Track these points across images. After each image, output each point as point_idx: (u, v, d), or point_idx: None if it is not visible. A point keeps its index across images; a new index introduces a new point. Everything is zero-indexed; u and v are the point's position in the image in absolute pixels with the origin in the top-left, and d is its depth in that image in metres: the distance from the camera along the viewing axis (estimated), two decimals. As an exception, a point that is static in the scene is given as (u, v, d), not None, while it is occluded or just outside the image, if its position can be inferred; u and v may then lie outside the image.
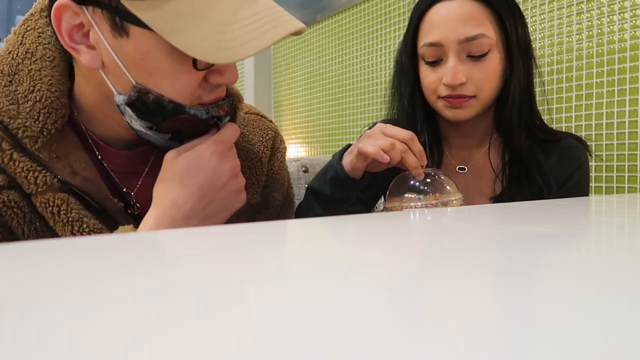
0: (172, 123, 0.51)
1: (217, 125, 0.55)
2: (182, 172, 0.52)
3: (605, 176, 1.19)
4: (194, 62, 0.49)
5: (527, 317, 0.15)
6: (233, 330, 0.13)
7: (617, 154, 1.16)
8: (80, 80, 0.55)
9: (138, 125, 0.52)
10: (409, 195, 0.65)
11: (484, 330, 0.13)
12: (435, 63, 0.76)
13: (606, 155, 1.18)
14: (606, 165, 1.18)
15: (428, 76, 0.77)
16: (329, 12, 2.21)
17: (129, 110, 0.50)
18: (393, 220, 0.41)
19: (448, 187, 0.65)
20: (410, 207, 0.64)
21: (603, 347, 0.12)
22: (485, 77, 0.74)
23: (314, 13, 2.31)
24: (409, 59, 0.80)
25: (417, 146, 0.67)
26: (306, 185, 1.28)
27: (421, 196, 0.64)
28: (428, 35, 0.76)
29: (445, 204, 0.63)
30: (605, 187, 1.19)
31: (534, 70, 0.80)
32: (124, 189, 0.59)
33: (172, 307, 0.15)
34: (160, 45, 0.47)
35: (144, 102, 0.50)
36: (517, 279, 0.20)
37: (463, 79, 0.73)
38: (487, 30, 0.73)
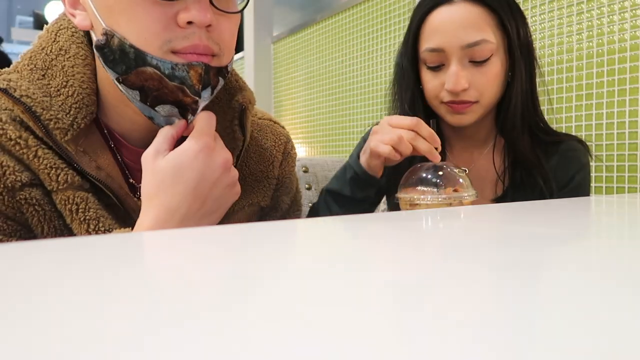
0: (137, 77, 0.50)
1: (184, 92, 0.51)
2: (169, 174, 0.49)
3: (605, 176, 1.19)
4: None
5: (527, 317, 0.15)
6: (233, 330, 0.13)
7: (617, 154, 1.16)
8: (99, 63, 0.56)
9: (114, 79, 0.52)
10: (422, 188, 0.64)
11: (485, 330, 0.14)
12: (437, 68, 0.76)
13: (606, 155, 1.18)
14: (606, 166, 1.18)
15: (430, 81, 0.77)
16: (329, 12, 2.22)
17: (100, 60, 0.51)
18: (394, 220, 0.41)
19: (461, 181, 0.65)
20: (422, 200, 0.63)
21: (604, 346, 0.12)
22: (488, 82, 0.74)
23: (314, 13, 2.31)
24: (409, 62, 0.80)
25: (426, 129, 0.67)
26: (307, 186, 1.28)
27: (434, 189, 0.63)
28: (429, 40, 0.75)
29: (457, 199, 0.62)
30: (605, 187, 1.19)
31: (536, 71, 0.80)
32: (131, 180, 0.60)
33: (173, 307, 0.15)
34: None
35: (110, 48, 0.50)
36: (518, 279, 0.20)
37: (465, 85, 0.73)
38: (488, 35, 0.73)
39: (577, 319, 0.15)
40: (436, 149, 0.67)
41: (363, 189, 0.73)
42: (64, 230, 0.54)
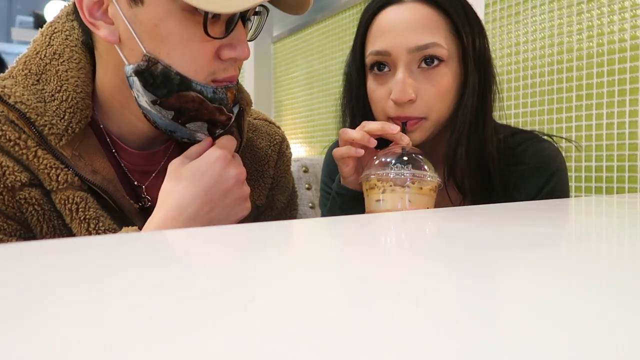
0: (177, 99, 0.52)
1: (221, 111, 0.55)
2: (188, 176, 0.53)
3: (606, 176, 1.19)
4: (205, 27, 0.49)
5: (523, 317, 0.15)
6: (232, 330, 0.13)
7: (617, 154, 1.16)
8: (99, 68, 0.57)
9: (144, 101, 0.53)
10: (384, 170, 0.61)
11: (478, 330, 0.13)
12: (383, 72, 0.68)
13: (606, 155, 1.18)
14: (606, 166, 1.18)
15: (375, 91, 0.69)
16: (329, 12, 2.21)
17: (136, 82, 0.52)
18: (388, 220, 0.41)
19: (426, 167, 0.62)
20: (384, 175, 0.61)
21: (601, 346, 0.12)
22: (437, 94, 0.66)
23: (314, 13, 2.31)
24: (357, 71, 0.72)
25: (373, 124, 0.64)
26: (306, 186, 1.28)
27: (396, 170, 0.61)
28: (375, 42, 0.68)
29: (420, 178, 0.60)
30: (606, 187, 1.19)
31: (494, 87, 0.71)
32: (135, 182, 0.60)
33: (171, 307, 0.15)
34: (173, 11, 0.49)
35: (151, 73, 0.51)
36: (515, 279, 0.20)
37: (412, 95, 0.65)
38: (440, 39, 0.65)
39: (574, 319, 0.15)
40: (404, 148, 0.64)
41: (355, 208, 0.68)
42: (63, 230, 0.54)
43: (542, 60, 1.30)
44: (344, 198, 0.70)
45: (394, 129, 0.63)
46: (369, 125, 0.64)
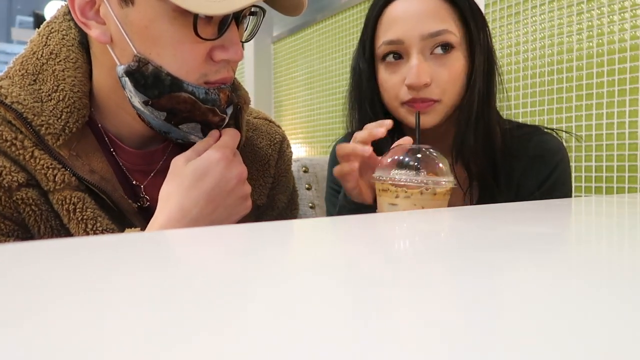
0: (169, 100, 0.52)
1: (214, 112, 0.55)
2: (190, 177, 0.52)
3: (606, 176, 1.19)
4: (195, 29, 0.49)
5: (523, 318, 0.15)
6: (232, 331, 0.13)
7: (617, 154, 1.16)
8: (95, 68, 0.57)
9: (136, 101, 0.53)
10: (398, 171, 0.60)
11: (478, 331, 0.14)
12: (395, 63, 0.69)
13: (606, 155, 1.18)
14: (606, 165, 1.18)
15: (388, 80, 0.70)
16: (329, 12, 2.21)
17: (128, 83, 0.51)
18: (390, 220, 0.41)
19: (440, 166, 0.60)
20: (397, 181, 0.59)
21: (601, 346, 0.12)
22: (450, 79, 0.68)
23: (314, 13, 2.31)
24: (367, 63, 0.73)
25: (361, 133, 0.63)
26: (306, 186, 1.28)
27: (411, 172, 0.59)
28: (387, 33, 0.69)
29: (434, 183, 0.59)
30: (606, 187, 1.19)
31: (497, 78, 0.74)
32: (134, 182, 0.60)
33: (171, 308, 0.15)
34: (163, 12, 0.49)
35: (142, 74, 0.51)
36: (515, 280, 0.20)
37: (427, 79, 0.67)
38: (450, 26, 0.68)
39: (574, 320, 0.15)
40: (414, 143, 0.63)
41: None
42: (61, 230, 0.54)
43: (542, 60, 1.30)
44: (349, 211, 0.70)
45: (379, 131, 0.62)
46: (358, 136, 0.64)
